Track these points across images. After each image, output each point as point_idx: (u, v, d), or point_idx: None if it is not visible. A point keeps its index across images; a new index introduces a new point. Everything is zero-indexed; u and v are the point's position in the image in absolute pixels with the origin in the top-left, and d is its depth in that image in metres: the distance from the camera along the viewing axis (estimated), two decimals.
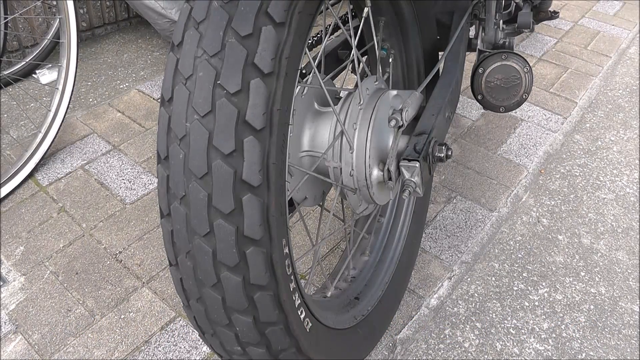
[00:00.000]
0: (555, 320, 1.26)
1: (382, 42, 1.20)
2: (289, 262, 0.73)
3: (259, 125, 0.63)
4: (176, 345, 1.17)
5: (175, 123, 0.65)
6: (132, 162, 1.65)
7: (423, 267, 1.37)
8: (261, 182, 0.64)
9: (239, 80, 0.62)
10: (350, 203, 0.99)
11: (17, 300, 1.24)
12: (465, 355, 1.17)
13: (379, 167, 0.94)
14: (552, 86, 2.16)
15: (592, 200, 1.61)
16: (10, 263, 1.33)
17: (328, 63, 1.15)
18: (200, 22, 0.65)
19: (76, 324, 1.20)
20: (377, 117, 0.93)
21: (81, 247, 1.38)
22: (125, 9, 2.38)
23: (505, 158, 1.75)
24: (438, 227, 1.49)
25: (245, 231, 0.65)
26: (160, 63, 2.19)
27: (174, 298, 1.26)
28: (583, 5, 2.89)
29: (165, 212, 0.68)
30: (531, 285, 1.34)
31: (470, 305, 1.28)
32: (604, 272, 1.38)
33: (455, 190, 1.61)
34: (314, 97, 0.96)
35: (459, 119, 1.93)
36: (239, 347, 0.74)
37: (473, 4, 1.47)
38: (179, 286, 0.72)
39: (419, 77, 1.28)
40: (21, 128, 1.77)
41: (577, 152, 1.82)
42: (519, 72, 1.34)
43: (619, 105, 2.07)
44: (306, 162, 0.95)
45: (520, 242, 1.46)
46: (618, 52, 2.44)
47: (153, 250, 1.38)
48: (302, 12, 0.66)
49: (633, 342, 1.21)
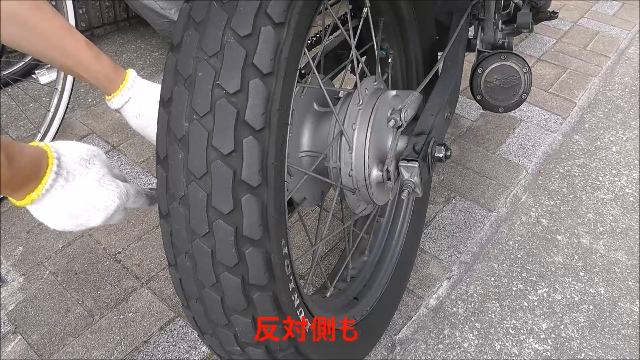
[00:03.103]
0: (554, 321, 1.26)
1: (381, 43, 1.20)
2: (288, 262, 0.73)
3: (258, 125, 0.63)
4: (175, 345, 1.17)
5: (175, 123, 0.65)
6: (132, 162, 1.65)
7: (422, 267, 1.37)
8: (260, 182, 0.64)
9: (238, 80, 0.62)
10: (349, 203, 0.99)
11: (16, 301, 1.24)
12: (465, 356, 1.17)
13: (378, 167, 0.94)
14: (551, 86, 2.16)
15: (591, 201, 1.61)
16: (10, 263, 1.33)
17: (327, 63, 1.15)
18: (200, 22, 0.65)
19: (75, 324, 1.20)
20: (376, 117, 0.93)
21: (80, 248, 1.38)
22: (124, 9, 2.38)
23: (505, 158, 1.75)
24: (437, 228, 1.49)
25: (245, 231, 0.65)
26: (160, 63, 2.19)
27: (173, 298, 1.26)
28: (582, 5, 2.89)
29: (165, 212, 0.68)
30: (530, 285, 1.34)
31: (470, 306, 1.28)
32: (603, 272, 1.38)
33: (455, 191, 1.61)
34: (313, 97, 0.96)
35: (458, 119, 1.94)
36: (238, 347, 0.74)
37: (472, 4, 1.48)
38: (178, 286, 0.72)
39: (418, 77, 1.28)
40: (20, 128, 1.77)
41: (576, 153, 1.82)
42: (518, 73, 1.34)
43: (618, 106, 2.08)
44: (305, 162, 0.95)
45: (519, 242, 1.46)
46: (617, 53, 2.45)
47: (152, 250, 1.38)
48: (301, 12, 0.66)
49: (632, 342, 1.22)
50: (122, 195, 0.72)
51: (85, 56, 0.79)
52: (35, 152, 0.65)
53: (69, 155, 0.69)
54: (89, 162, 0.70)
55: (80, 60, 0.79)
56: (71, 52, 0.78)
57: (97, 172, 0.70)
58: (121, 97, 0.84)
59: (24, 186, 0.63)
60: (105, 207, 0.71)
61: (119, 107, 0.85)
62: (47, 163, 0.65)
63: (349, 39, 0.94)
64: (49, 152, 0.66)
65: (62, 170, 0.66)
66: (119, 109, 0.85)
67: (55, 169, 0.65)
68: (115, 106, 0.85)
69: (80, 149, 0.71)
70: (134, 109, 0.85)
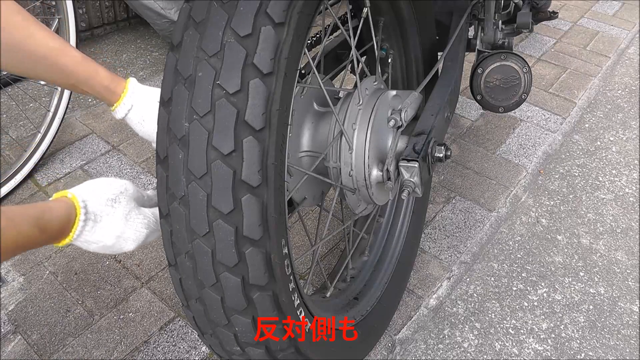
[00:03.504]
0: (554, 321, 1.26)
1: (381, 43, 1.20)
2: (288, 262, 0.73)
3: (258, 125, 0.63)
4: (175, 345, 1.17)
5: (175, 123, 0.65)
6: (132, 162, 1.65)
7: (422, 267, 1.37)
8: (260, 182, 0.64)
9: (238, 80, 0.62)
10: (349, 203, 0.99)
11: (16, 301, 1.24)
12: (465, 356, 1.17)
13: (378, 167, 0.94)
14: (551, 86, 2.16)
15: (591, 201, 1.61)
16: (10, 263, 1.33)
17: (327, 63, 1.15)
18: (200, 22, 0.65)
19: (75, 324, 1.20)
20: (377, 117, 0.93)
21: (80, 248, 1.37)
22: (124, 9, 2.38)
23: (505, 158, 1.75)
24: (437, 228, 1.49)
25: (245, 231, 0.65)
26: (160, 63, 2.19)
27: (173, 298, 1.26)
28: (582, 5, 2.89)
29: (165, 212, 0.68)
30: (530, 285, 1.34)
31: (470, 306, 1.28)
32: (603, 273, 1.38)
33: (455, 191, 1.61)
34: (313, 97, 0.96)
35: (458, 119, 1.94)
36: (238, 347, 0.74)
37: (472, 4, 1.48)
38: (178, 286, 0.72)
39: (418, 77, 1.28)
40: (20, 128, 1.77)
41: (576, 153, 1.82)
42: (518, 73, 1.34)
43: (618, 106, 2.08)
44: (305, 162, 0.95)
45: (519, 242, 1.46)
46: (617, 53, 2.45)
47: (152, 250, 1.38)
48: (301, 12, 0.66)
49: (632, 342, 1.22)
50: (150, 224, 0.78)
51: (84, 72, 0.83)
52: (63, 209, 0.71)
53: (95, 199, 0.74)
54: (114, 202, 0.76)
55: (79, 77, 0.83)
56: (70, 70, 0.82)
57: (123, 209, 0.76)
58: (124, 105, 0.86)
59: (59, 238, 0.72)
60: (135, 238, 0.77)
61: (123, 116, 0.88)
62: (76, 212, 0.72)
63: (349, 39, 0.94)
64: (76, 203, 0.72)
65: (89, 215, 0.73)
66: (124, 117, 0.88)
67: (82, 217, 0.72)
68: (119, 116, 0.88)
69: (106, 190, 0.76)
70: (138, 116, 0.88)
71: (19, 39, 0.77)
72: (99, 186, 0.76)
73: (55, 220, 0.69)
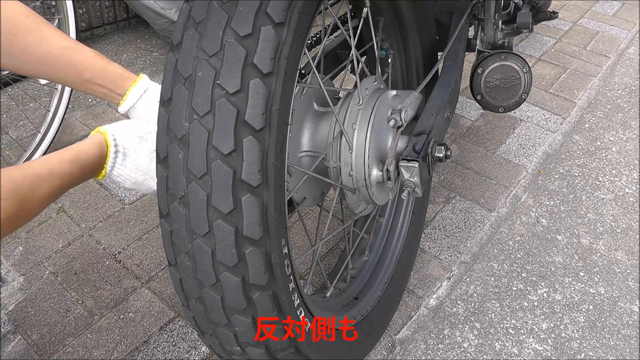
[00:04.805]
0: (554, 321, 1.26)
1: (381, 42, 1.20)
2: (288, 262, 0.73)
3: (258, 125, 0.63)
4: (175, 345, 1.17)
5: (175, 123, 0.65)
6: None
7: (422, 267, 1.37)
8: (260, 182, 0.64)
9: (238, 80, 0.62)
10: (349, 203, 0.99)
11: (16, 301, 1.24)
12: (465, 356, 1.17)
13: (378, 167, 0.94)
14: (551, 86, 2.16)
15: (591, 201, 1.61)
16: (10, 263, 1.33)
17: (327, 63, 1.15)
18: (200, 22, 0.65)
19: (75, 324, 1.20)
20: (377, 117, 0.93)
21: (80, 247, 1.38)
22: (124, 9, 2.38)
23: (505, 158, 1.75)
24: (437, 228, 1.49)
25: (245, 231, 0.65)
26: (160, 63, 2.19)
27: (173, 298, 1.26)
28: (582, 5, 2.89)
29: (165, 212, 0.68)
30: (530, 285, 1.34)
31: (469, 306, 1.28)
32: (603, 273, 1.38)
33: (455, 191, 1.61)
34: (313, 97, 0.96)
35: (458, 119, 1.94)
36: (238, 347, 0.74)
37: (472, 4, 1.48)
38: (178, 286, 0.72)
39: (418, 77, 1.28)
40: (20, 128, 1.77)
41: (576, 153, 1.82)
42: (518, 72, 1.34)
43: (618, 106, 2.08)
44: (305, 162, 0.95)
45: (519, 242, 1.46)
46: (617, 53, 2.45)
47: (152, 250, 1.38)
48: (301, 12, 0.66)
49: (632, 342, 1.22)
50: None
51: (98, 64, 0.87)
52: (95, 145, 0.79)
53: (124, 134, 0.82)
54: (141, 139, 0.83)
55: (94, 69, 0.86)
56: (84, 65, 0.86)
57: (149, 147, 0.83)
58: (139, 87, 0.90)
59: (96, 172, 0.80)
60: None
61: (137, 99, 0.90)
62: (107, 146, 0.80)
63: (349, 39, 0.94)
64: (106, 137, 0.80)
65: (119, 147, 0.81)
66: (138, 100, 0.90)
67: (113, 149, 0.80)
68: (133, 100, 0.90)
69: (134, 128, 0.83)
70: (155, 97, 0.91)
71: (33, 42, 0.81)
72: (128, 124, 0.83)
73: (91, 156, 0.78)
